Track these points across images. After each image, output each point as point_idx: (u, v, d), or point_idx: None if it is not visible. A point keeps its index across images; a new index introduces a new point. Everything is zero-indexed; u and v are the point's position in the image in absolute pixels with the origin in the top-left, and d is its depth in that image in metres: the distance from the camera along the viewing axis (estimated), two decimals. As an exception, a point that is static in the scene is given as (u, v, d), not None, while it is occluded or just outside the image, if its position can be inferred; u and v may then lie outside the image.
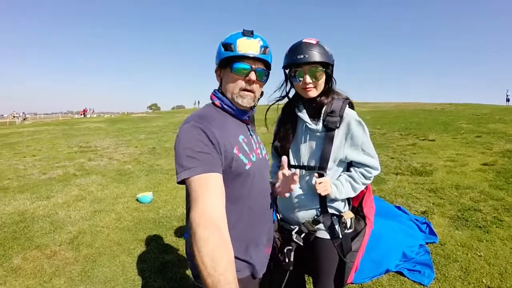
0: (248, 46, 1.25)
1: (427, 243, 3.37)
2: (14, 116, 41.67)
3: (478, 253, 3.19)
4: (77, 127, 21.18)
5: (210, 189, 1.06)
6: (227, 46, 1.27)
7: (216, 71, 1.37)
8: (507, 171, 5.80)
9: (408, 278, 2.86)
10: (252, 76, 1.25)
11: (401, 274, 2.92)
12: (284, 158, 1.43)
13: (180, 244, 3.71)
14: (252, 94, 1.29)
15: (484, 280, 2.77)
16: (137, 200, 5.30)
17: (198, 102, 52.85)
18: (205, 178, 1.07)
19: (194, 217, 1.01)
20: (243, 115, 1.35)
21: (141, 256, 3.48)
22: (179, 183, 1.12)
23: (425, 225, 3.72)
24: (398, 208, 4.20)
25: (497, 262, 3.03)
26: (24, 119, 42.83)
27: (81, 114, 50.64)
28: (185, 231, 3.97)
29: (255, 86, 1.29)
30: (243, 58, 1.25)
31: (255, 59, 1.27)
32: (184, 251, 3.47)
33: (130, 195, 5.61)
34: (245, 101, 1.28)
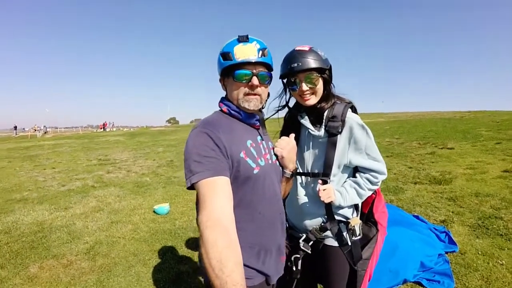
0: (245, 52, 1.26)
1: (446, 253, 3.27)
2: (35, 130, 42.67)
3: (499, 261, 3.09)
4: (96, 140, 21.72)
5: (217, 192, 1.08)
6: (225, 55, 1.28)
7: (220, 81, 1.40)
8: (529, 178, 5.59)
9: (426, 288, 2.79)
10: (255, 81, 1.26)
11: (420, 284, 2.85)
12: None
13: (195, 255, 3.71)
14: (258, 97, 1.30)
15: (506, 290, 2.67)
16: (154, 211, 5.36)
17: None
18: (213, 182, 1.09)
19: (202, 219, 1.03)
20: (251, 119, 1.35)
21: (157, 266, 3.50)
22: (188, 188, 1.14)
23: (444, 234, 3.62)
24: (416, 217, 4.10)
25: None
26: (45, 133, 43.86)
27: (101, 128, 51.74)
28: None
29: (260, 89, 1.30)
30: (243, 64, 1.26)
31: (255, 63, 1.27)
32: (199, 262, 3.49)
33: (147, 207, 5.68)
34: (251, 104, 1.29)
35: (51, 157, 13.54)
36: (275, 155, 1.40)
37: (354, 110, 1.67)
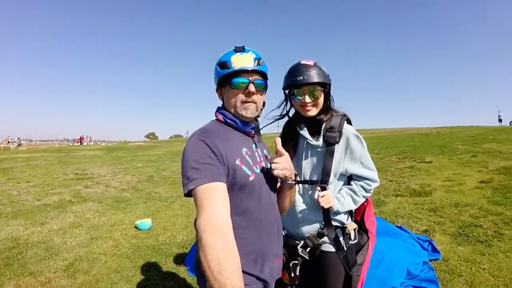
0: (242, 61, 1.30)
1: (430, 260, 3.35)
2: (8, 142, 41.22)
3: (481, 266, 3.19)
4: (73, 154, 21.08)
5: (215, 197, 1.09)
6: (223, 64, 1.32)
7: (217, 91, 1.42)
8: (504, 187, 5.84)
9: (414, 295, 2.82)
10: (251, 88, 1.30)
11: (407, 292, 2.89)
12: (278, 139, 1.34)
13: (180, 271, 3.62)
14: (254, 105, 1.33)
15: (490, 292, 2.76)
16: (135, 227, 5.21)
17: (187, 132, 52.92)
18: (210, 187, 1.10)
19: (200, 223, 1.04)
20: (247, 127, 1.38)
21: (141, 283, 3.40)
22: (186, 195, 1.15)
23: (427, 242, 3.71)
24: (400, 228, 4.19)
25: (501, 274, 3.04)
26: (19, 145, 42.41)
27: (78, 142, 50.43)
28: (188, 255, 3.90)
29: (256, 97, 1.33)
30: (240, 72, 1.30)
31: (251, 71, 1.32)
32: (185, 277, 3.41)
33: (128, 222, 5.52)
34: (248, 112, 1.32)
35: (25, 170, 13.01)
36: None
37: (348, 122, 1.76)
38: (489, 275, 3.04)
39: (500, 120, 35.63)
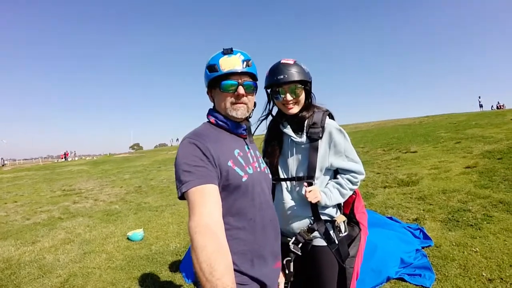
0: (230, 63, 1.31)
1: (423, 247, 3.41)
2: (-9, 163, 40.32)
3: (473, 249, 3.26)
4: (59, 170, 20.82)
5: (206, 199, 1.10)
6: (211, 67, 1.33)
7: (207, 93, 1.43)
8: (489, 170, 5.98)
9: (410, 283, 2.88)
10: (241, 90, 1.31)
11: (403, 280, 2.94)
12: None
13: (176, 278, 3.60)
14: (244, 106, 1.35)
15: (484, 274, 2.82)
16: (127, 238, 5.16)
17: (177, 139, 52.34)
18: (201, 189, 1.11)
19: (191, 225, 1.05)
20: (238, 128, 1.39)
21: (137, 294, 3.35)
22: (180, 198, 1.16)
23: (419, 230, 3.77)
24: (390, 218, 4.25)
25: (493, 255, 3.10)
26: (2, 165, 41.39)
27: (62, 158, 49.65)
28: (182, 262, 3.87)
29: (246, 98, 1.35)
30: (229, 75, 1.31)
31: (240, 73, 1.33)
32: (181, 284, 3.38)
33: (120, 234, 5.47)
34: (239, 112, 1.34)
35: (11, 190, 12.78)
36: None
37: (331, 116, 1.78)
38: (482, 257, 3.11)
39: (481, 106, 36.54)
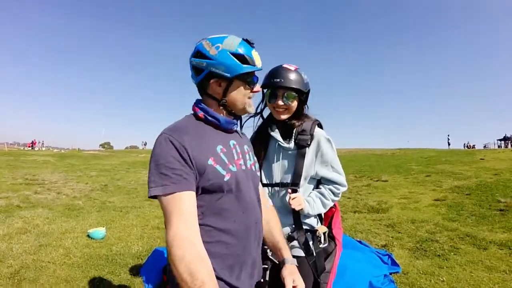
0: (259, 59, 1.24)
1: (391, 273, 3.41)
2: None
3: (440, 278, 3.30)
4: (23, 158, 20.00)
5: (182, 209, 1.04)
6: (243, 58, 1.17)
7: (214, 82, 1.21)
8: (458, 205, 6.21)
9: (377, 307, 2.85)
10: (258, 87, 1.29)
11: (370, 303, 2.91)
12: None
13: (135, 282, 3.42)
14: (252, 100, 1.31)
15: (449, 303, 2.85)
16: (88, 235, 4.91)
17: (145, 143, 51.48)
18: (178, 198, 1.05)
19: (168, 238, 1.02)
20: (230, 124, 1.27)
21: (92, 294, 3.16)
22: (150, 197, 1.08)
23: (387, 256, 3.78)
24: (360, 242, 4.24)
25: (460, 285, 3.16)
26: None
27: (29, 146, 47.73)
28: (144, 266, 3.71)
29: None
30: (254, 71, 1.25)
31: None
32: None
33: (80, 231, 5.20)
34: (251, 108, 1.30)
35: (-31, 173, 12.12)
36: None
37: (320, 126, 1.77)
38: (448, 286, 3.16)
39: (449, 144, 38.13)
